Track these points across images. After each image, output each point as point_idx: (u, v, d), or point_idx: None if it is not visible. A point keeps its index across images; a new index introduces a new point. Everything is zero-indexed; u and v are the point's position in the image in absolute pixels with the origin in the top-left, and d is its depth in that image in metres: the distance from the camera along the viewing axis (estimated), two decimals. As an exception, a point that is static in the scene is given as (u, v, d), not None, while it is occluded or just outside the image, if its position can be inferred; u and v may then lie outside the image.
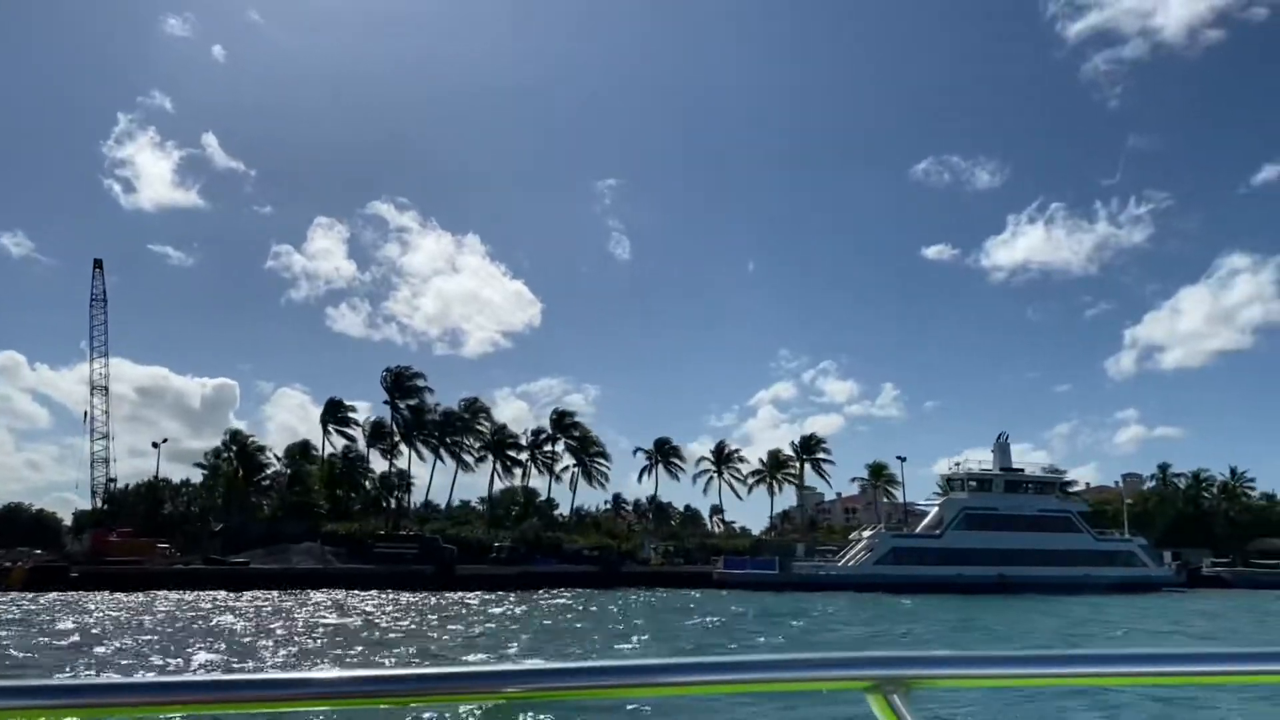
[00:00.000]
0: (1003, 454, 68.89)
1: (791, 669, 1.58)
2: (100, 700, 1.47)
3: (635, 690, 1.62)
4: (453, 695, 1.55)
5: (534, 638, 28.94)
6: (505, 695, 1.52)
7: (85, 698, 1.46)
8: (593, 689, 1.58)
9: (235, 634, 28.78)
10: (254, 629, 30.58)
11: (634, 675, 1.58)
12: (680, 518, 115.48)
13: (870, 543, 64.73)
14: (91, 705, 1.46)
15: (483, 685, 1.55)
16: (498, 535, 73.99)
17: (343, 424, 79.35)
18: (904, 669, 1.57)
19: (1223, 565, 77.96)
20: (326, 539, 70.57)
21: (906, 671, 1.56)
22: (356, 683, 1.52)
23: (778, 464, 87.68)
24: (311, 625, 32.22)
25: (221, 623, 32.94)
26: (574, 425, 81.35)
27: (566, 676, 1.57)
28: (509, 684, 1.53)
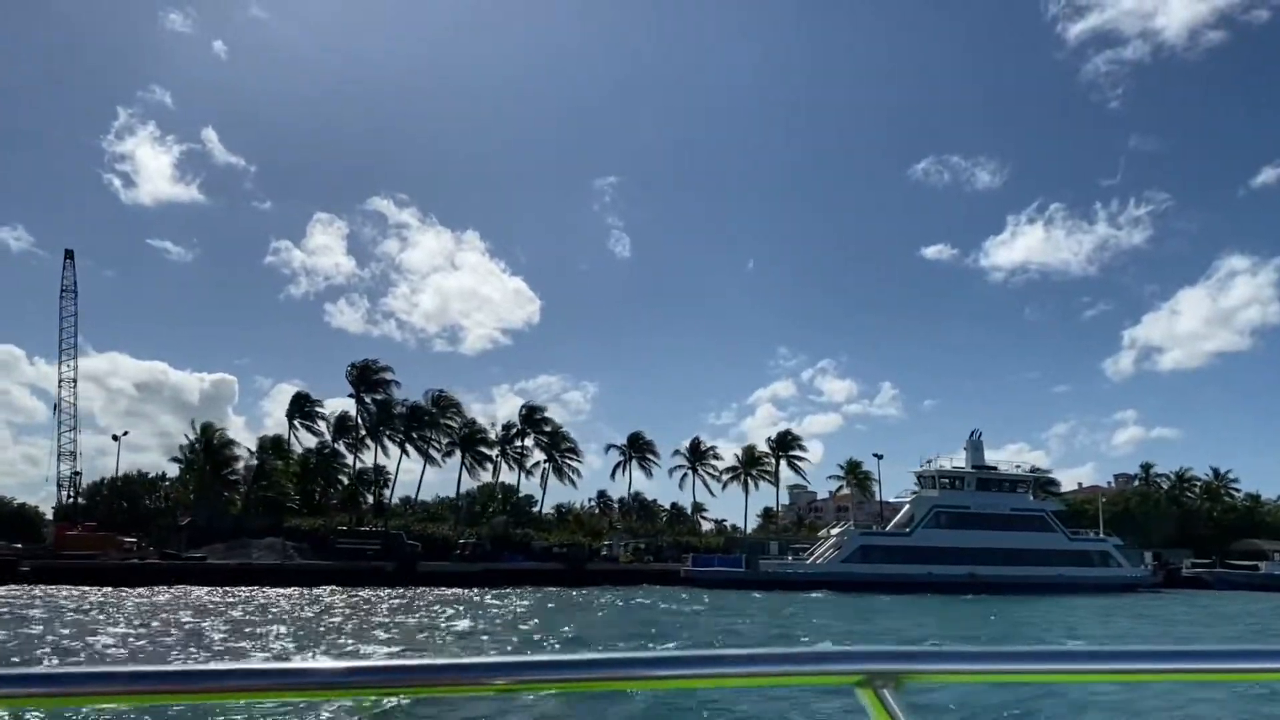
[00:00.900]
0: (975, 452, 67.88)
1: (782, 663, 1.59)
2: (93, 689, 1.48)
3: (626, 683, 1.60)
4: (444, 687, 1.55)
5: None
6: (495, 688, 1.54)
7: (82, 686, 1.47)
8: (583, 681, 1.58)
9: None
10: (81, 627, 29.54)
11: (625, 668, 1.58)
12: (667, 515, 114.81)
13: (838, 540, 63.71)
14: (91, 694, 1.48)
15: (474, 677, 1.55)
16: (466, 531, 72.99)
17: (309, 418, 78.27)
18: (894, 663, 1.57)
19: (1202, 566, 76.95)
20: (290, 534, 69.64)
21: (897, 666, 1.57)
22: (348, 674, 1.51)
23: (753, 460, 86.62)
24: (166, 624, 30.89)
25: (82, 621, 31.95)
26: (544, 421, 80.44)
27: (556, 669, 1.58)
28: (499, 676, 1.54)
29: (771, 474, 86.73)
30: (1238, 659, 1.67)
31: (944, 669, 1.64)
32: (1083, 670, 1.70)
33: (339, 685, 1.54)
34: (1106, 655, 1.66)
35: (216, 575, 57.23)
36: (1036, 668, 1.68)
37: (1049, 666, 1.68)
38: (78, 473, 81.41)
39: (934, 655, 1.63)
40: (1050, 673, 1.69)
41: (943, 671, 1.64)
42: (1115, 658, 1.66)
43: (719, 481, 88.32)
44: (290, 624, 31.59)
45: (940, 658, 1.63)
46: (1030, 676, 1.68)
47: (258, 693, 1.54)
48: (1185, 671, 1.70)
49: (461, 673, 1.55)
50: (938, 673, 1.63)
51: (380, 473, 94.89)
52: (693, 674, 1.58)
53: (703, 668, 1.58)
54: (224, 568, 59.79)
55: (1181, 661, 1.67)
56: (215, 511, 76.17)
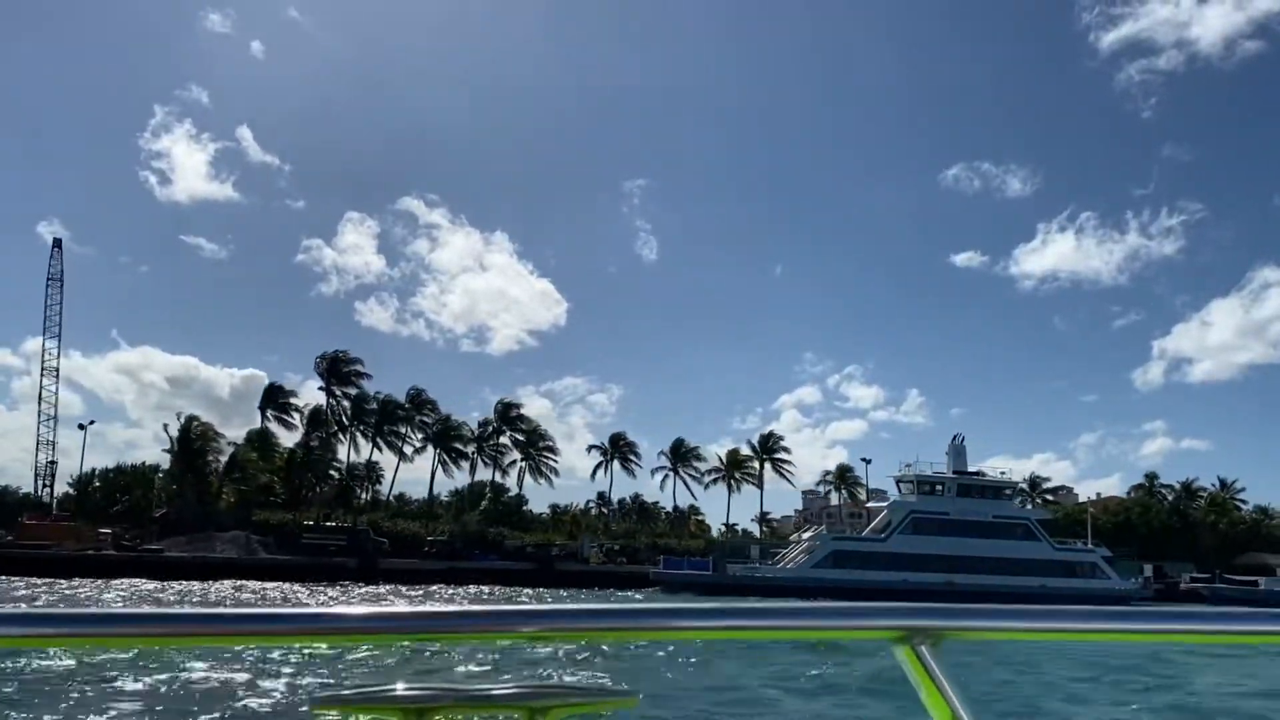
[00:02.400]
0: (957, 456, 65.47)
1: (820, 616, 1.60)
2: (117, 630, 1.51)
3: (661, 633, 1.63)
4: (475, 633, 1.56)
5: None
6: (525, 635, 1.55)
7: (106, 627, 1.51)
8: (617, 630, 1.58)
9: None
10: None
11: (661, 618, 1.59)
12: (669, 517, 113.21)
13: (810, 545, 61.68)
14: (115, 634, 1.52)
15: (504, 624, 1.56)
16: (437, 529, 71.69)
17: (283, 410, 77.20)
18: (934, 620, 1.58)
19: (1201, 581, 74.01)
20: (258, 528, 68.67)
21: (936, 623, 1.58)
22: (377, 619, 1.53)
23: (736, 463, 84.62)
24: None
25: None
26: (521, 418, 78.87)
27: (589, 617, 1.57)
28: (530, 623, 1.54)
29: (755, 477, 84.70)
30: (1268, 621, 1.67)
31: (985, 626, 1.60)
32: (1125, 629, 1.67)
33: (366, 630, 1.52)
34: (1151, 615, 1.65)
35: (172, 568, 56.29)
36: (1078, 626, 1.65)
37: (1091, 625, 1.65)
38: (53, 462, 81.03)
39: (975, 613, 1.60)
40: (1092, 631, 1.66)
41: (983, 629, 1.60)
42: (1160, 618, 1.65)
43: (702, 484, 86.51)
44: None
45: (981, 614, 1.60)
46: (1071, 635, 1.66)
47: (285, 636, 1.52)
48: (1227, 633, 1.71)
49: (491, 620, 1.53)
50: (978, 630, 1.59)
51: (372, 469, 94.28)
52: (730, 625, 1.57)
53: (741, 619, 1.57)
54: (180, 560, 58.86)
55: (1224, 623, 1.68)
56: (188, 504, 75.39)
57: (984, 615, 1.61)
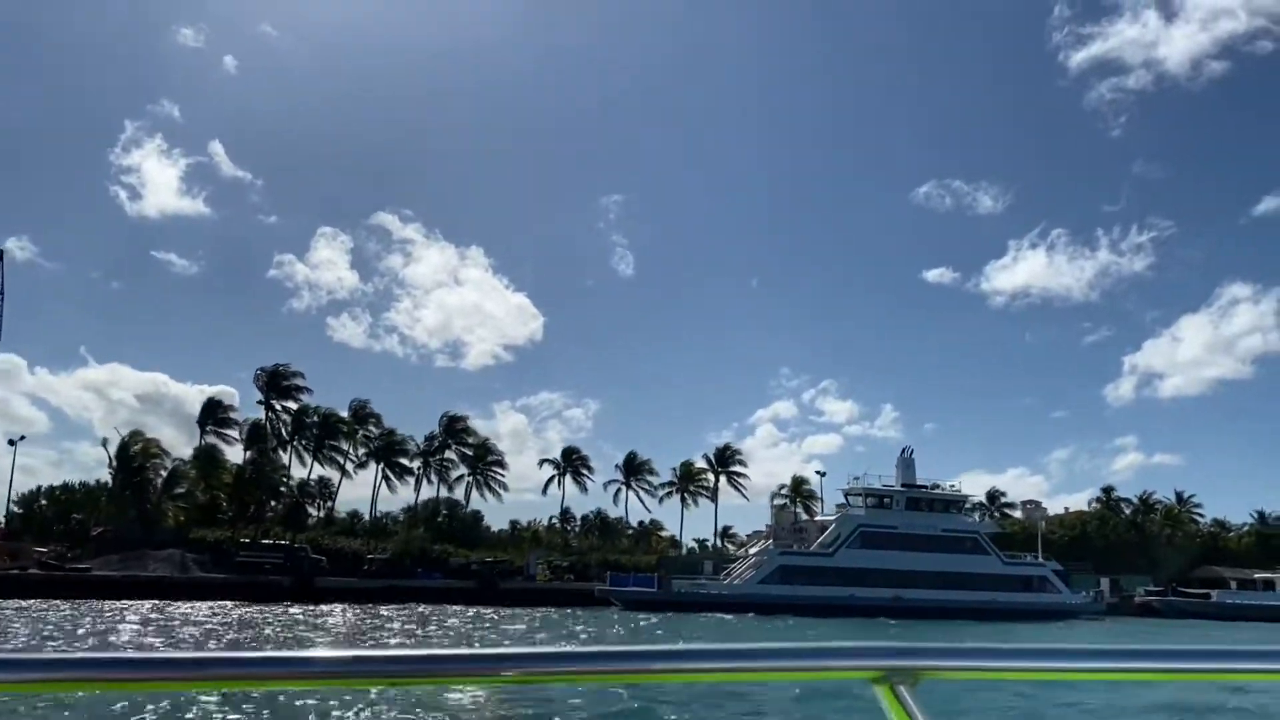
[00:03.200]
0: (907, 470, 64.73)
1: (799, 658, 1.59)
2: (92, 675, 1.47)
3: (639, 676, 1.60)
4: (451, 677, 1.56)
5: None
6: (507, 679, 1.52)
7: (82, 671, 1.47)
8: (596, 673, 1.58)
9: None
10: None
11: (639, 661, 1.57)
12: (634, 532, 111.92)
13: (757, 560, 60.65)
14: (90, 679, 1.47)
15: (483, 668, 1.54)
16: (378, 546, 70.05)
17: (222, 425, 75.35)
18: (912, 660, 1.57)
19: (1155, 594, 73.66)
20: (194, 546, 66.78)
21: (915, 663, 1.57)
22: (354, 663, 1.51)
23: (689, 476, 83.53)
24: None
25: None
26: (467, 431, 77.31)
27: (569, 660, 1.56)
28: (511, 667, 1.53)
29: (708, 489, 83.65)
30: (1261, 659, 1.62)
31: (963, 666, 1.59)
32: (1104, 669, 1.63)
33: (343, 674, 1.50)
34: (1129, 654, 1.62)
35: (96, 587, 54.40)
36: (1057, 666, 1.62)
37: (1069, 665, 1.61)
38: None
39: (953, 652, 1.59)
40: (1071, 671, 1.63)
41: (962, 669, 1.59)
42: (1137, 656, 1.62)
43: (655, 497, 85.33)
44: (68, 639, 28.81)
45: (959, 654, 1.59)
46: (1051, 675, 1.63)
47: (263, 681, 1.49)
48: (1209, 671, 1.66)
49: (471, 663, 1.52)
50: (956, 670, 1.59)
51: (325, 485, 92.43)
52: (708, 667, 1.56)
53: (719, 661, 1.55)
54: (107, 579, 56.92)
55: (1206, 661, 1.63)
56: (128, 522, 73.40)
57: (963, 655, 1.59)
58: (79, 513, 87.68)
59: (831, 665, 1.57)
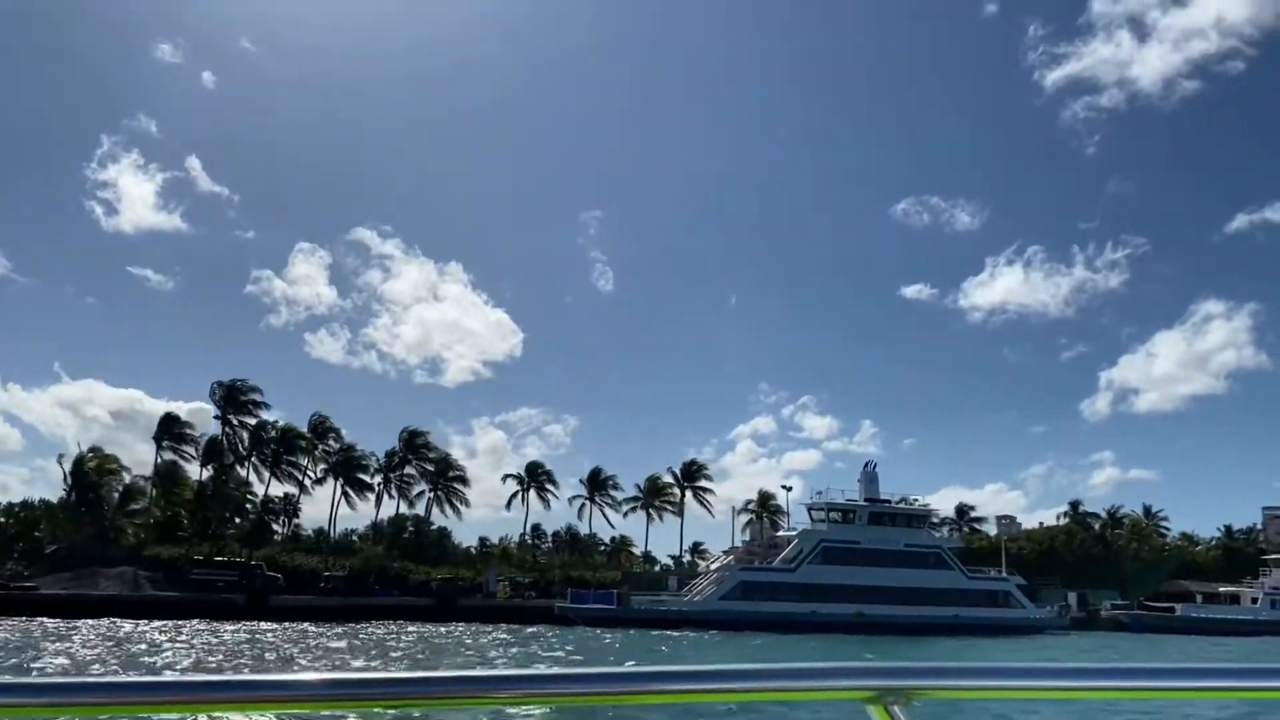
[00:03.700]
0: (870, 484, 64.32)
1: (791, 678, 1.59)
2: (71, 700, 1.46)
3: (632, 698, 1.60)
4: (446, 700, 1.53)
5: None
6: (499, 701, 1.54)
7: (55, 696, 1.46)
8: (588, 695, 1.58)
9: None
10: None
11: (630, 682, 1.57)
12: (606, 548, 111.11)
13: (719, 576, 60.02)
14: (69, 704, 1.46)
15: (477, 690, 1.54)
16: (336, 563, 68.98)
17: (179, 440, 74.16)
18: (905, 680, 1.57)
19: (1121, 608, 73.55)
20: (146, 564, 65.52)
21: (908, 682, 1.57)
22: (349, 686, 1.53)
23: (655, 491, 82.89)
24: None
25: None
26: (428, 446, 76.35)
27: (562, 682, 1.56)
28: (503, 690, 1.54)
29: (674, 505, 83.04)
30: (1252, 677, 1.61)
31: (958, 686, 1.59)
32: (1100, 688, 1.62)
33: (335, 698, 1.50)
34: (1125, 673, 1.60)
35: (42, 606, 53.19)
36: (1052, 685, 1.61)
37: (1065, 684, 1.60)
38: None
39: (948, 672, 1.59)
40: (1066, 690, 1.61)
41: (956, 689, 1.59)
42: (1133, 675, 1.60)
43: (619, 513, 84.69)
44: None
45: (953, 674, 1.59)
46: (1045, 694, 1.63)
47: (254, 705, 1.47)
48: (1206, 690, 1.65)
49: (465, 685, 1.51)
50: (951, 689, 1.59)
51: (289, 501, 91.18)
52: (701, 688, 1.56)
53: (711, 682, 1.55)
54: (54, 598, 55.68)
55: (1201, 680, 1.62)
56: (82, 539, 71.99)
57: (956, 674, 1.58)
58: (40, 530, 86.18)
59: (824, 685, 1.55)
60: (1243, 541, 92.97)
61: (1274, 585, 74.06)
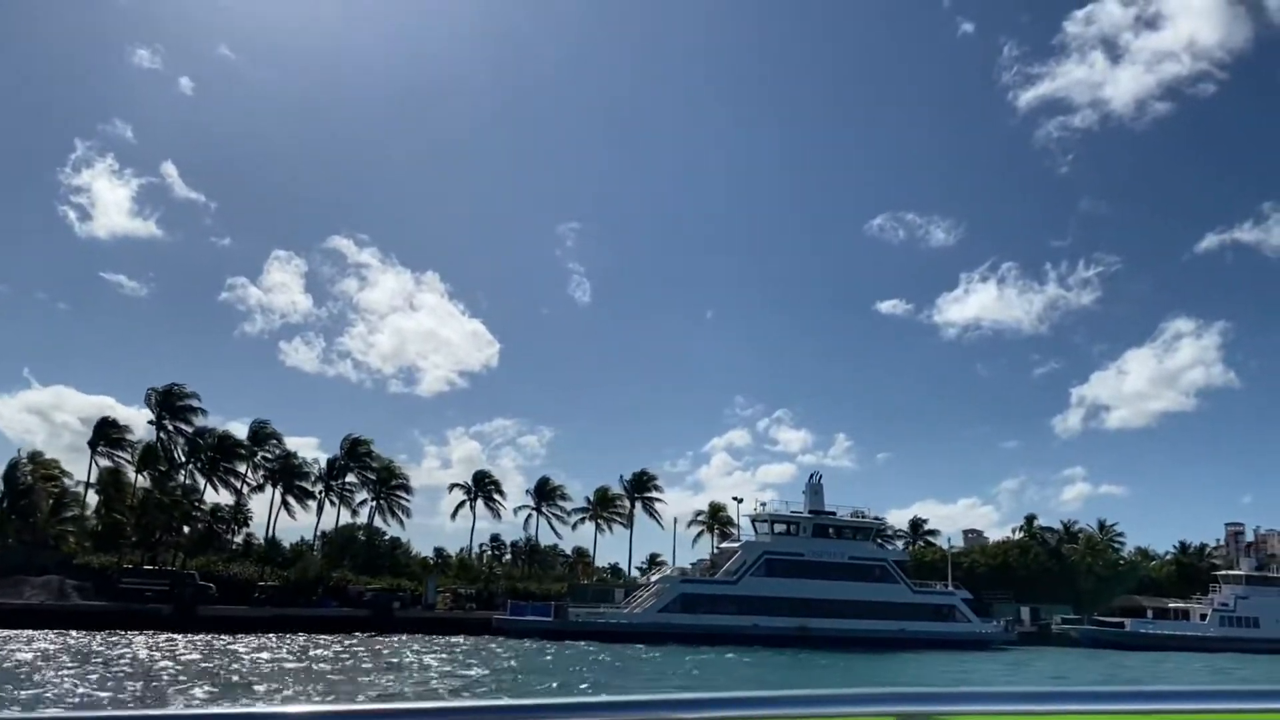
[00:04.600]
0: (814, 496, 63.57)
1: (810, 704, 1.58)
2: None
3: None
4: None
5: None
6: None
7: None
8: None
9: None
10: None
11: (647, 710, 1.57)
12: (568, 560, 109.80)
13: (658, 588, 59.04)
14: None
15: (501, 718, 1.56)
16: (271, 573, 67.42)
17: (115, 446, 72.36)
18: (927, 705, 1.57)
19: (1072, 623, 73.15)
20: (77, 572, 63.64)
21: (929, 708, 1.57)
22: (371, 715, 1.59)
23: (605, 501, 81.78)
24: None
25: None
26: (370, 455, 74.91)
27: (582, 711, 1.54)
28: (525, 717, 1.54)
29: (623, 515, 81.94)
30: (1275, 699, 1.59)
31: (978, 710, 1.58)
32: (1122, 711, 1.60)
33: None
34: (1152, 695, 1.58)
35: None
36: (1072, 709, 1.61)
37: (1085, 708, 1.61)
38: None
39: (968, 696, 1.58)
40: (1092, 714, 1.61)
41: (974, 714, 1.58)
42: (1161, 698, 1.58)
43: (567, 524, 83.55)
44: None
45: (974, 699, 1.58)
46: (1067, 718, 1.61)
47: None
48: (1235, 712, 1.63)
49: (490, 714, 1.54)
50: (970, 714, 1.58)
51: (240, 510, 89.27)
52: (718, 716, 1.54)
53: (728, 710, 1.54)
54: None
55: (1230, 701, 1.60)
56: (11, 547, 69.91)
57: (975, 699, 1.57)
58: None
59: (843, 712, 1.52)
60: (1196, 557, 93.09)
61: (1223, 602, 73.99)
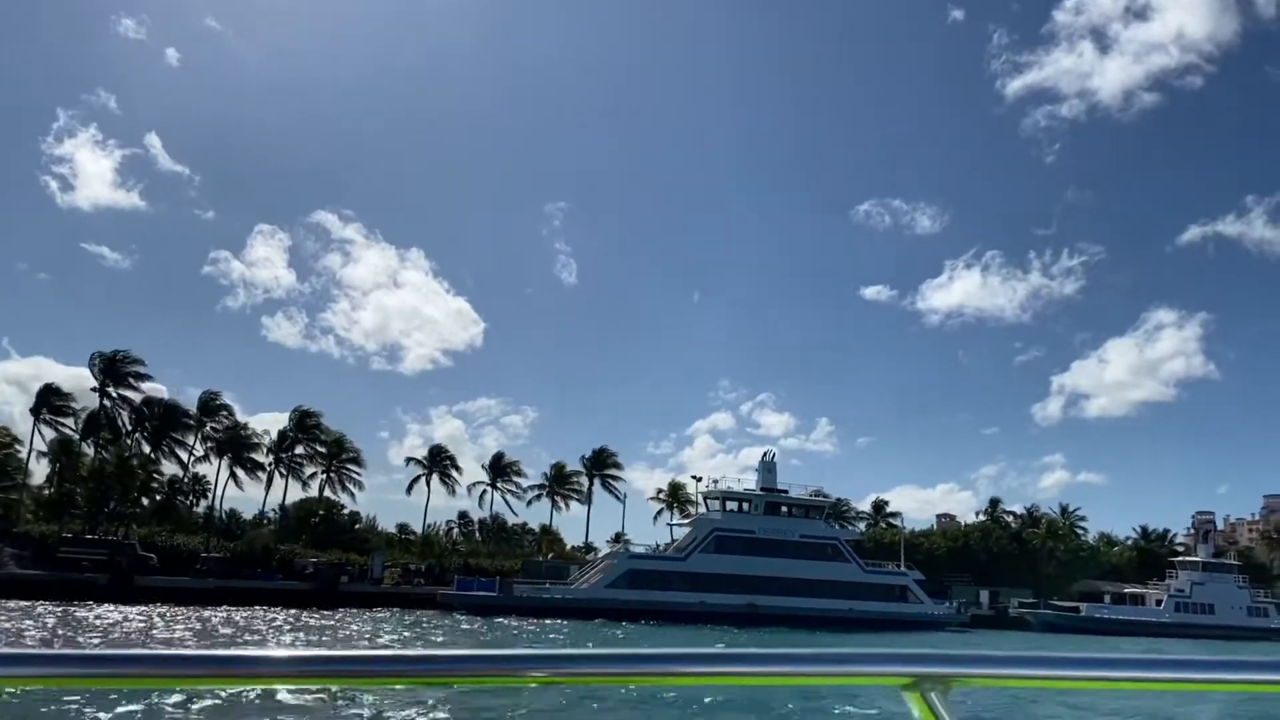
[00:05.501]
0: (767, 474, 62.85)
1: (829, 663, 1.59)
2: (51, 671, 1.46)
3: (667, 679, 1.62)
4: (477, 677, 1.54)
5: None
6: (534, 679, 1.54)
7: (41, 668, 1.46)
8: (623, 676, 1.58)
9: None
10: None
11: (667, 664, 1.57)
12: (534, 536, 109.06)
13: (606, 564, 58.29)
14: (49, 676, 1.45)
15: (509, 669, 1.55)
16: (217, 544, 66.31)
17: (59, 413, 70.88)
18: (944, 667, 1.58)
19: (1028, 606, 72.94)
20: (16, 540, 62.33)
21: (946, 669, 1.58)
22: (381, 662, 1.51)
23: (561, 477, 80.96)
24: None
25: None
26: (319, 428, 73.61)
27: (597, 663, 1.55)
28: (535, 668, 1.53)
29: (580, 492, 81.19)
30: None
31: (995, 674, 1.58)
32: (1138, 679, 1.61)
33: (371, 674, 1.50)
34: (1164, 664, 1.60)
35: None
36: (1091, 675, 1.61)
37: (1104, 674, 1.61)
38: None
39: (985, 659, 1.59)
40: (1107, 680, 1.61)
41: (994, 676, 1.58)
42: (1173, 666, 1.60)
43: (521, 500, 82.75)
44: None
45: (992, 662, 1.58)
46: (1083, 684, 1.62)
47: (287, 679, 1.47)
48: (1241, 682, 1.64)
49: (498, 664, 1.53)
50: (988, 677, 1.58)
51: (199, 482, 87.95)
52: (737, 671, 1.56)
53: (747, 665, 1.56)
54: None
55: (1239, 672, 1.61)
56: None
57: (994, 662, 1.58)
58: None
59: (863, 671, 1.54)
60: (1159, 543, 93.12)
61: (1179, 588, 73.91)
